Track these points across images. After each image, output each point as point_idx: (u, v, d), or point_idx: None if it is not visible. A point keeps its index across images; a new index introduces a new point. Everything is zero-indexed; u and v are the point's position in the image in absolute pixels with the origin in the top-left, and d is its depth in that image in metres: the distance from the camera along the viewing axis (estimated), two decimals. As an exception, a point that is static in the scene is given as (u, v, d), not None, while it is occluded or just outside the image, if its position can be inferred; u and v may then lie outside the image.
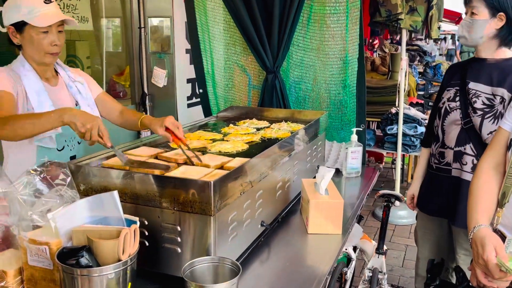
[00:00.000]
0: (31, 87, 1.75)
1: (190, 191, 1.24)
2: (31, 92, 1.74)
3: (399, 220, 4.29)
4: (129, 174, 1.33)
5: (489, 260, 1.21)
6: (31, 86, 1.75)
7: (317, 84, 2.79)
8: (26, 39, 1.74)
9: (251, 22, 2.73)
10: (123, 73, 3.75)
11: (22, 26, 1.71)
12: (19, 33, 1.74)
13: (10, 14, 1.72)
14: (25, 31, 1.72)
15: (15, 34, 1.75)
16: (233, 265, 1.22)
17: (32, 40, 1.73)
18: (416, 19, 3.94)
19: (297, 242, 1.70)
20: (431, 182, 2.19)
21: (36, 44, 1.73)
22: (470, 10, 1.93)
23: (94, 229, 1.20)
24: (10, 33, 1.75)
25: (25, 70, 1.77)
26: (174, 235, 1.30)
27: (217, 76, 3.05)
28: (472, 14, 1.91)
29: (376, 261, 2.40)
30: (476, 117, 1.95)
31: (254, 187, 1.53)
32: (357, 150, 2.46)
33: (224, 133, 2.14)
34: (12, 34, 1.75)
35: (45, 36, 1.73)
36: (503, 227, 1.36)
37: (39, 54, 1.76)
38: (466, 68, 2.06)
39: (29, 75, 1.77)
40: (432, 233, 2.27)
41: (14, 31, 1.74)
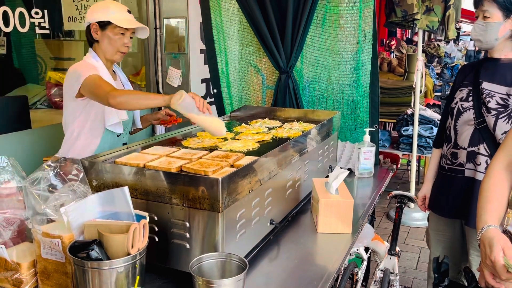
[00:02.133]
0: (104, 75, 1.99)
1: (199, 188, 1.26)
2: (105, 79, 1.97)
3: (413, 222, 4.24)
4: (140, 170, 1.36)
5: (496, 261, 1.20)
6: (103, 75, 1.99)
7: (331, 84, 2.79)
8: (106, 36, 2.03)
9: (265, 22, 2.75)
10: (139, 73, 3.81)
11: (105, 25, 2.01)
12: (101, 30, 2.03)
13: (97, 14, 2.02)
14: (107, 29, 2.02)
15: (97, 31, 2.03)
16: (240, 261, 1.24)
17: (110, 38, 2.03)
18: (432, 19, 3.89)
19: (307, 241, 1.71)
20: (443, 183, 2.17)
21: (113, 42, 2.04)
22: (482, 13, 1.91)
23: (105, 223, 1.23)
24: (92, 29, 2.03)
25: (97, 62, 2.05)
26: (183, 231, 1.33)
27: (231, 76, 3.08)
28: (485, 18, 1.89)
29: (388, 262, 2.38)
30: (490, 117, 1.92)
31: (263, 185, 1.54)
32: (369, 151, 2.45)
33: (236, 132, 2.16)
34: (94, 30, 2.03)
35: (121, 37, 2.04)
36: (514, 228, 1.35)
37: (112, 51, 2.06)
38: (479, 68, 2.04)
39: (101, 66, 2.05)
40: (445, 234, 2.24)
41: (97, 27, 2.02)
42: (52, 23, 2.79)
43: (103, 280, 1.15)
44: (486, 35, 1.90)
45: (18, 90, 3.10)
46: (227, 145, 1.86)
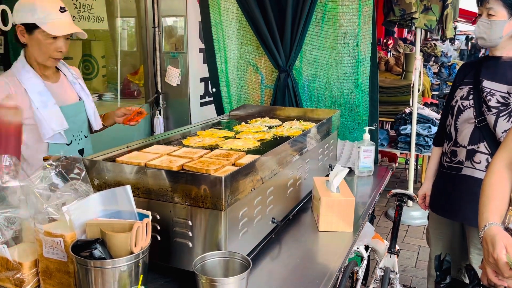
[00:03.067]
0: (33, 88, 1.81)
1: (202, 186, 1.26)
2: (33, 93, 1.80)
3: (412, 220, 4.25)
4: (142, 169, 1.36)
5: (499, 259, 1.20)
6: (33, 87, 1.81)
7: (330, 83, 2.79)
8: (34, 41, 1.78)
9: (264, 21, 2.74)
10: (137, 72, 3.80)
11: (32, 28, 1.75)
12: (28, 33, 1.78)
13: (24, 14, 1.75)
14: (35, 33, 1.76)
15: (23, 34, 1.78)
16: (243, 259, 1.24)
17: (40, 43, 1.78)
18: (430, 18, 3.90)
19: (308, 239, 1.71)
20: (443, 181, 2.18)
21: (43, 48, 1.79)
22: (486, 11, 1.90)
23: (107, 222, 1.22)
24: (19, 32, 1.79)
25: (25, 71, 1.82)
26: (185, 229, 1.32)
27: (230, 75, 3.07)
28: (489, 15, 1.89)
29: (388, 261, 2.39)
30: (491, 115, 1.92)
31: (265, 183, 1.54)
32: (369, 149, 2.45)
33: (236, 131, 2.16)
34: (21, 32, 1.79)
35: (53, 41, 1.78)
36: (516, 226, 1.35)
37: (43, 57, 1.82)
38: (480, 66, 2.04)
39: (30, 77, 1.82)
40: (445, 232, 2.25)
41: (23, 30, 1.78)
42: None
43: (106, 279, 1.14)
44: (490, 33, 1.90)
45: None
46: (228, 144, 1.86)
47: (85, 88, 2.04)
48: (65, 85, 1.99)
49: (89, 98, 2.05)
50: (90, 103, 2.04)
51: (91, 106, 2.05)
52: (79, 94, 2.02)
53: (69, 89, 2.00)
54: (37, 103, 1.79)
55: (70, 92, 2.00)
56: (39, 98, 1.80)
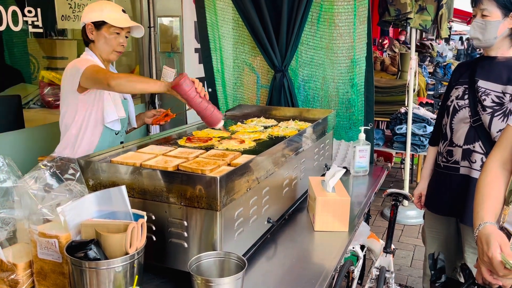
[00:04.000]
0: None
1: (197, 187, 1.26)
2: None
3: (407, 220, 4.26)
4: (137, 170, 1.35)
5: (493, 258, 1.21)
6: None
7: (326, 83, 2.79)
8: (101, 36, 2.04)
9: (260, 21, 2.75)
10: (133, 72, 3.78)
11: (100, 25, 2.02)
12: (96, 30, 2.03)
13: (93, 13, 2.03)
14: (102, 29, 2.03)
15: (92, 31, 2.03)
16: (238, 260, 1.24)
17: (106, 38, 2.04)
18: (425, 18, 3.92)
19: (304, 239, 1.71)
20: (439, 180, 2.18)
21: (109, 41, 2.04)
22: (481, 12, 1.91)
23: (102, 223, 1.22)
24: (88, 29, 2.04)
25: (94, 59, 2.05)
26: (181, 230, 1.32)
27: (226, 75, 3.07)
28: (483, 16, 1.90)
29: (384, 260, 2.39)
30: (486, 115, 1.93)
31: (261, 183, 1.54)
32: (365, 149, 2.46)
33: (232, 131, 2.15)
34: (89, 30, 2.04)
35: (116, 36, 2.05)
36: (510, 224, 1.35)
37: (108, 50, 2.07)
38: (475, 66, 2.05)
39: (99, 63, 2.04)
40: (440, 232, 2.25)
41: (92, 27, 2.03)
42: (45, 21, 2.76)
43: (101, 280, 1.14)
44: (485, 34, 1.91)
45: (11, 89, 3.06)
46: (224, 144, 1.86)
47: None
48: None
49: (130, 99, 2.27)
50: (131, 103, 2.27)
51: (132, 106, 2.28)
52: (124, 95, 2.22)
53: None
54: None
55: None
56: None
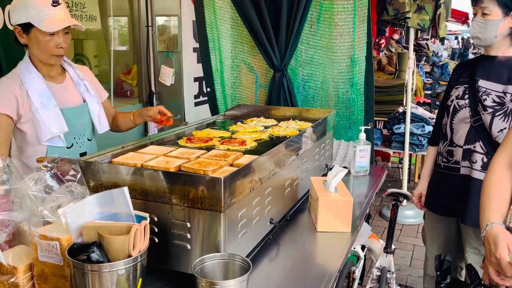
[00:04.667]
0: (34, 89, 1.77)
1: (200, 188, 1.24)
2: (33, 94, 1.76)
3: (406, 219, 4.26)
4: (139, 170, 1.33)
5: (502, 258, 1.20)
6: (34, 88, 1.77)
7: (326, 82, 2.78)
8: (33, 40, 1.74)
9: (259, 20, 2.73)
10: (130, 72, 3.76)
11: (29, 27, 1.71)
12: (26, 33, 1.74)
13: (18, 14, 1.72)
14: (32, 32, 1.72)
15: (22, 34, 1.75)
16: (243, 261, 1.22)
17: (39, 41, 1.73)
18: (424, 18, 3.92)
19: (306, 240, 1.69)
20: (439, 180, 2.18)
21: (43, 46, 1.74)
22: (481, 10, 1.90)
23: (105, 225, 1.20)
24: (17, 33, 1.76)
25: (28, 72, 1.79)
26: (183, 231, 1.30)
27: (225, 74, 3.05)
28: (484, 15, 1.89)
29: (384, 260, 2.38)
30: (487, 115, 1.93)
31: (264, 184, 1.52)
32: (365, 149, 2.45)
33: (232, 131, 2.14)
34: (19, 34, 1.75)
35: (51, 38, 1.73)
36: (516, 225, 1.35)
37: (45, 55, 1.78)
38: (475, 66, 2.04)
39: (32, 77, 1.78)
40: (441, 232, 2.25)
41: (20, 31, 1.74)
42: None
43: (103, 283, 1.12)
44: (485, 33, 1.90)
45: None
46: (225, 144, 1.84)
47: (90, 90, 1.98)
48: (69, 86, 1.94)
49: (94, 100, 1.98)
50: (94, 105, 1.97)
51: (96, 108, 1.97)
52: (83, 95, 1.95)
53: (73, 91, 1.94)
54: (36, 104, 1.75)
55: (75, 93, 1.94)
56: (39, 99, 1.76)
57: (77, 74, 1.97)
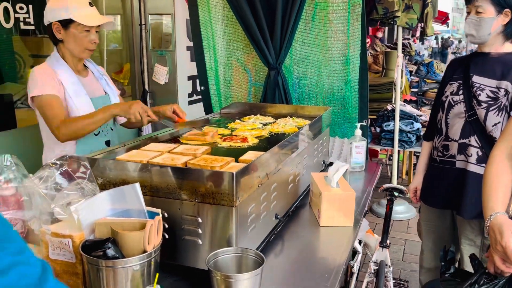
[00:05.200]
0: (67, 79, 1.95)
1: (212, 182, 1.24)
2: (67, 84, 1.94)
3: (397, 215, 4.33)
4: (149, 167, 1.33)
5: (507, 246, 1.24)
6: (67, 78, 1.95)
7: (321, 80, 2.81)
8: (70, 35, 1.93)
9: (254, 18, 2.74)
10: (121, 70, 3.73)
11: (67, 23, 1.90)
12: (64, 29, 1.92)
13: (58, 11, 1.89)
14: (70, 28, 1.91)
15: (60, 30, 1.92)
16: (256, 256, 1.23)
17: (75, 36, 1.92)
18: (412, 17, 3.99)
19: (310, 235, 1.72)
20: (435, 174, 2.23)
21: (79, 40, 1.93)
22: (475, 9, 1.96)
23: (117, 221, 1.20)
24: (54, 29, 1.92)
25: (59, 65, 1.96)
26: (194, 227, 1.31)
27: (219, 73, 3.06)
28: (478, 13, 1.95)
29: (381, 255, 2.42)
30: (481, 110, 1.98)
31: (270, 179, 1.54)
32: (361, 145, 2.48)
33: (232, 128, 2.15)
34: (57, 29, 1.92)
35: (87, 34, 1.94)
36: (519, 214, 1.39)
37: (80, 49, 1.96)
38: (469, 62, 2.10)
39: (63, 69, 1.96)
40: (436, 225, 2.30)
41: (59, 27, 1.91)
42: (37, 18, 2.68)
43: (118, 279, 1.12)
44: (479, 30, 1.96)
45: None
46: (227, 141, 1.85)
47: (110, 84, 2.17)
48: (93, 79, 2.12)
49: (114, 93, 2.16)
50: (115, 97, 2.15)
51: (116, 100, 2.14)
52: (104, 89, 2.14)
53: (96, 84, 2.12)
54: (71, 92, 1.93)
55: (98, 86, 2.12)
56: (72, 88, 1.94)
57: (97, 69, 2.16)
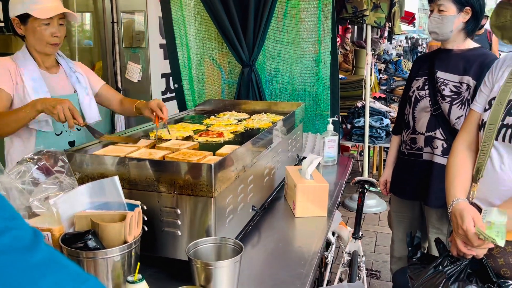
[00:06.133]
0: (28, 74, 1.88)
1: (191, 174, 1.27)
2: (27, 79, 1.87)
3: (368, 209, 4.45)
4: (127, 160, 1.35)
5: (468, 230, 1.32)
6: (28, 73, 1.88)
7: (293, 77, 2.87)
8: (29, 30, 1.86)
9: (227, 16, 2.78)
10: (93, 68, 3.68)
11: (26, 18, 1.84)
12: (23, 24, 1.86)
13: (15, 6, 1.85)
14: (29, 22, 1.85)
15: (19, 25, 1.87)
16: (235, 244, 1.27)
17: (35, 31, 1.85)
18: (380, 16, 4.11)
19: (286, 226, 1.77)
20: (404, 167, 2.32)
21: (38, 35, 1.86)
22: (437, 7, 2.06)
23: (97, 214, 1.21)
24: (15, 24, 1.88)
25: (25, 60, 1.90)
26: (173, 218, 1.33)
27: (193, 70, 3.07)
28: (440, 11, 2.05)
29: (353, 246, 2.50)
30: (445, 104, 2.08)
31: (246, 172, 1.58)
32: (333, 139, 2.56)
33: (207, 124, 2.18)
34: (17, 25, 1.88)
35: (46, 27, 1.86)
36: (479, 200, 1.48)
37: (41, 44, 1.89)
38: (434, 58, 2.20)
39: (27, 63, 1.90)
40: (406, 215, 2.40)
41: (18, 22, 1.87)
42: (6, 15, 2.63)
43: (99, 270, 1.13)
44: (442, 28, 2.06)
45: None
46: (203, 136, 1.88)
47: (81, 81, 2.06)
48: (62, 77, 2.04)
49: (84, 91, 2.06)
50: (84, 96, 2.05)
51: (85, 99, 2.05)
52: (74, 86, 2.05)
53: (65, 82, 2.04)
54: (29, 89, 1.85)
55: (66, 84, 2.04)
56: (31, 84, 1.86)
57: (69, 66, 2.08)
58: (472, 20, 2.04)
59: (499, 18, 1.44)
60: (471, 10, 2.01)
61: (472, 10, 2.01)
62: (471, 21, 2.04)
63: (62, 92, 1.99)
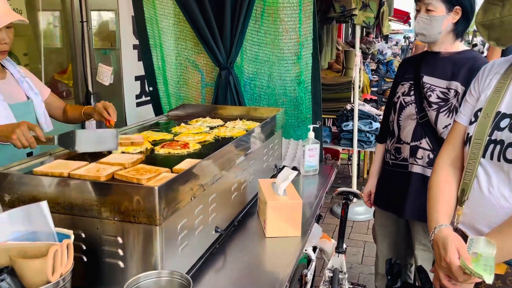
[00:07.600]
0: None
1: (132, 199, 1.11)
2: None
3: (356, 216, 4.30)
4: (62, 181, 1.18)
5: (452, 263, 1.15)
6: None
7: (273, 80, 2.70)
8: None
9: (202, 16, 2.60)
10: (65, 71, 3.50)
11: None
12: None
13: None
14: None
15: None
16: (182, 278, 1.10)
17: None
18: (369, 15, 3.95)
19: (255, 247, 1.60)
20: (388, 178, 2.16)
21: None
22: (425, 7, 1.89)
23: (19, 246, 1.04)
24: None
25: None
26: (115, 248, 1.16)
27: (168, 73, 2.90)
28: (428, 11, 1.88)
29: (336, 261, 2.34)
30: (432, 111, 1.92)
31: (207, 190, 1.41)
32: (314, 148, 2.39)
33: (175, 133, 2.01)
34: None
35: None
36: (464, 226, 1.31)
37: None
38: (420, 62, 2.04)
39: None
40: (390, 229, 2.24)
41: None
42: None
43: (17, 315, 0.96)
44: (430, 29, 1.89)
45: None
46: (165, 148, 1.71)
47: (34, 88, 1.91)
48: (12, 83, 1.87)
49: (39, 98, 1.91)
50: (40, 103, 1.91)
51: (41, 106, 1.91)
52: (26, 93, 1.88)
53: (16, 88, 1.87)
54: None
55: (18, 90, 1.87)
56: None
57: (18, 71, 1.91)
58: (462, 20, 1.87)
59: (486, 15, 1.25)
60: (462, 10, 1.85)
61: (463, 10, 1.85)
62: (461, 22, 1.88)
63: (16, 99, 1.82)
